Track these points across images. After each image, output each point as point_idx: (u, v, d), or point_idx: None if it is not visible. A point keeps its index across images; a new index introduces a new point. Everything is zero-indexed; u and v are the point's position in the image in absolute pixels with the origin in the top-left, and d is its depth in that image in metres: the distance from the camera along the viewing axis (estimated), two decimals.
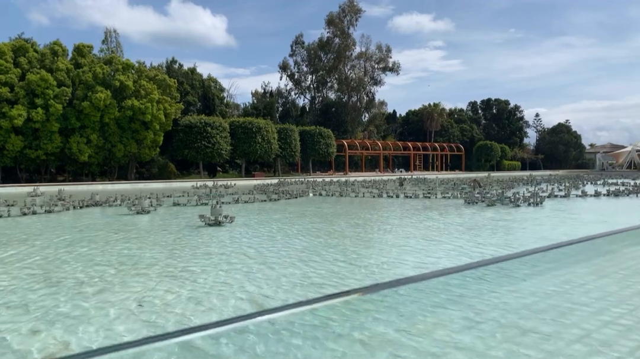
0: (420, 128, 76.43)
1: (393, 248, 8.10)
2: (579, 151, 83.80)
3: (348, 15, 64.40)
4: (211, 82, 52.08)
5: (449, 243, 8.63)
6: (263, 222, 11.88)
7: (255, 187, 27.08)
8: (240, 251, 7.87)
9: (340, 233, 9.82)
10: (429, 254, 7.50)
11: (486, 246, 8.03)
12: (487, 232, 9.78)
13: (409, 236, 9.33)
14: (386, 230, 10.21)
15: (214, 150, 41.11)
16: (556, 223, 11.79)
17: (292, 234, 9.87)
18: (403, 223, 11.48)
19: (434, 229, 10.47)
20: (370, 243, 8.61)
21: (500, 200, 17.16)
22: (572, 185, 28.16)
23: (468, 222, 11.56)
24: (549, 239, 8.95)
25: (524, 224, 11.55)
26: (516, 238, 9.26)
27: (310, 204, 17.55)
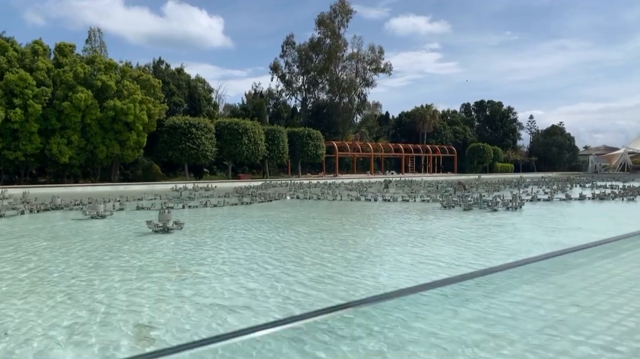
0: (413, 130, 75.86)
1: (323, 264, 7.43)
2: (573, 153, 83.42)
3: (339, 15, 63.85)
4: (199, 82, 51.37)
5: (386, 256, 7.99)
6: (215, 228, 11.20)
7: (235, 189, 26.39)
8: (170, 264, 7.19)
9: (286, 243, 9.16)
10: (353, 272, 6.75)
11: (427, 263, 7.35)
12: (438, 242, 9.12)
13: (349, 247, 8.61)
14: (332, 239, 9.49)
15: (198, 151, 40.41)
16: (525, 231, 11.15)
17: (237, 243, 9.20)
18: (358, 232, 10.79)
19: (384, 238, 9.81)
20: (305, 257, 7.90)
21: (478, 203, 16.53)
22: (558, 188, 27.57)
23: (427, 230, 10.92)
24: (509, 251, 8.32)
25: (490, 231, 10.90)
26: (469, 249, 8.59)
27: (279, 208, 16.88)
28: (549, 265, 6.97)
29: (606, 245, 8.46)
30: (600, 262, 7.62)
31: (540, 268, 6.57)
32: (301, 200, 20.93)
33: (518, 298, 5.12)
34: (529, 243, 9.25)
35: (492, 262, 7.24)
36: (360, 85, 69.98)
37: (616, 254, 8.22)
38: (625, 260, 7.04)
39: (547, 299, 5.10)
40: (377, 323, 4.00)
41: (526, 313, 4.64)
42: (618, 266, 6.77)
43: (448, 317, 4.36)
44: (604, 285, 5.79)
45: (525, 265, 5.60)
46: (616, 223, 12.69)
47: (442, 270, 6.72)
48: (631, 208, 17.44)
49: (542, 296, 5.23)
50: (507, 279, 5.64)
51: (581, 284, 5.85)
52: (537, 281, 5.58)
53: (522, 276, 5.96)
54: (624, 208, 17.36)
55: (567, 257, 7.31)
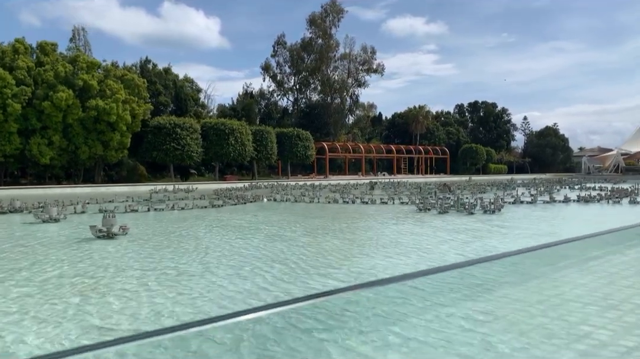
0: (406, 131, 75.27)
1: (242, 279, 6.81)
2: (567, 154, 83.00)
3: (330, 15, 63.27)
4: (186, 82, 50.72)
5: (314, 268, 7.37)
6: (164, 234, 10.56)
7: (215, 192, 25.73)
8: (88, 275, 6.56)
9: (229, 252, 8.54)
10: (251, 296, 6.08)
11: (334, 279, 6.72)
12: (381, 251, 8.50)
13: (283, 260, 7.97)
14: (278, 250, 8.84)
15: (183, 152, 39.74)
16: (486, 238, 10.54)
17: (176, 252, 8.56)
18: (313, 240, 10.14)
19: (332, 247, 9.19)
20: (236, 267, 7.26)
21: (455, 206, 15.93)
22: (546, 190, 26.99)
23: (381, 238, 10.31)
24: (439, 259, 7.72)
25: (450, 236, 10.29)
26: (411, 257, 7.97)
27: (249, 211, 16.26)
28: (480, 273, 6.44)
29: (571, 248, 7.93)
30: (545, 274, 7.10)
31: (469, 274, 6.00)
32: (278, 202, 20.32)
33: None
34: (479, 250, 8.64)
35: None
36: (352, 86, 69.41)
37: (582, 263, 7.67)
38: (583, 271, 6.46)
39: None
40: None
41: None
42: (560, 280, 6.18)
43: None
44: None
45: (453, 270, 5.00)
46: (592, 228, 12.09)
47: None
48: (613, 211, 16.87)
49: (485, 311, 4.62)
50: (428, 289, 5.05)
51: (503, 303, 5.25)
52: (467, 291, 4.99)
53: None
54: (606, 211, 16.79)
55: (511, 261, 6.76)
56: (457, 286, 5.32)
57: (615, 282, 6.08)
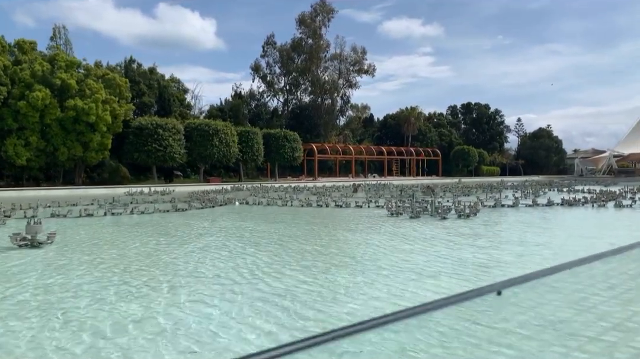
0: (398, 132, 74.44)
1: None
2: (560, 156, 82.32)
3: (320, 15, 62.45)
4: (172, 82, 49.82)
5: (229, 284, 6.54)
6: (95, 242, 9.71)
7: (190, 194, 24.87)
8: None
9: (154, 264, 7.73)
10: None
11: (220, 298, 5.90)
12: (310, 266, 7.68)
13: (205, 278, 7.15)
14: (209, 263, 8.02)
15: (165, 153, 38.83)
16: (450, 247, 9.74)
17: (96, 267, 7.74)
18: (255, 251, 9.32)
19: (267, 260, 8.38)
20: (161, 286, 6.46)
21: (429, 210, 15.14)
22: (533, 193, 26.24)
23: (326, 248, 9.50)
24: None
25: (406, 245, 9.49)
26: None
27: (208, 216, 15.44)
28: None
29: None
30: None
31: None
32: (250, 206, 19.50)
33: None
34: (420, 266, 7.84)
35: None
36: (343, 87, 68.61)
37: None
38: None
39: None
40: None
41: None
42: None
43: None
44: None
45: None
46: (567, 235, 11.31)
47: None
48: (595, 216, 16.10)
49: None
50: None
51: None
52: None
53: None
54: (588, 216, 16.02)
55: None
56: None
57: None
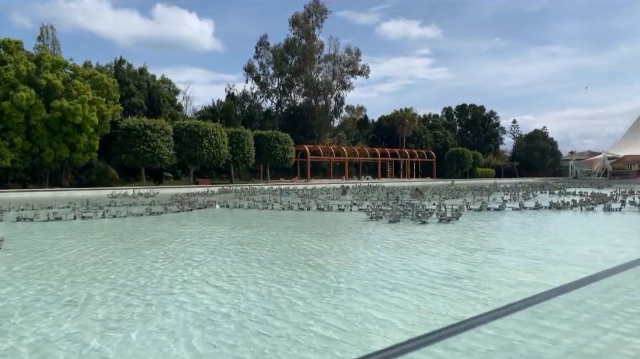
0: (393, 134, 74.04)
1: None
2: (555, 158, 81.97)
3: (313, 15, 62.05)
4: (162, 83, 49.32)
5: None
6: (45, 250, 9.21)
7: (173, 197, 24.38)
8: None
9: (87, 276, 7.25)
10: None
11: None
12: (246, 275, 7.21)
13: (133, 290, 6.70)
14: (130, 279, 7.56)
15: (154, 154, 38.30)
16: (417, 257, 9.28)
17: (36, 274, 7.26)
18: (198, 258, 8.86)
19: (197, 278, 7.88)
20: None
21: (409, 214, 14.68)
22: (524, 195, 25.81)
23: (277, 258, 9.02)
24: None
25: (373, 253, 9.01)
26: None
27: (182, 220, 14.95)
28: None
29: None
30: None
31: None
32: (230, 209, 19.00)
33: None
34: (378, 278, 7.36)
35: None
36: (337, 88, 68.23)
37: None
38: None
39: None
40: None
41: None
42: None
43: None
44: None
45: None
46: (546, 241, 10.85)
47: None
48: (581, 220, 15.65)
49: None
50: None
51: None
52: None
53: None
54: (573, 220, 15.56)
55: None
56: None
57: None
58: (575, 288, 2.38)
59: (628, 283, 6.20)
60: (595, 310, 5.37)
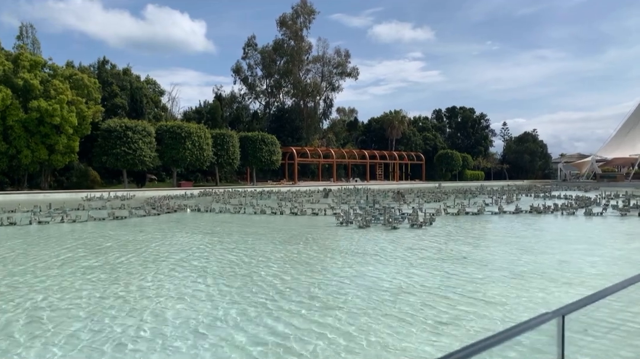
0: (383, 136, 73.66)
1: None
2: (545, 161, 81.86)
3: (301, 16, 61.54)
4: (147, 84, 48.60)
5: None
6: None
7: (147, 200, 23.74)
8: None
9: None
10: None
11: None
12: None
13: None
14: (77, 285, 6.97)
15: (135, 156, 37.58)
16: (365, 268, 8.74)
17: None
18: (137, 268, 8.27)
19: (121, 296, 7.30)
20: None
21: (382, 219, 14.15)
22: (505, 199, 25.36)
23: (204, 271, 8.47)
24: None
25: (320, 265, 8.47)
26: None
27: (146, 226, 14.36)
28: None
29: None
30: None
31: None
32: (201, 213, 18.40)
33: None
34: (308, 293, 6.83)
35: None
36: (326, 90, 67.77)
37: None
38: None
39: None
40: None
41: None
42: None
43: None
44: None
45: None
46: (515, 250, 10.35)
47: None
48: (558, 225, 15.18)
49: None
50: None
51: None
52: None
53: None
54: (550, 225, 15.09)
55: None
56: None
57: None
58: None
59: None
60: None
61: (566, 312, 1.05)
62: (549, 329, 1.08)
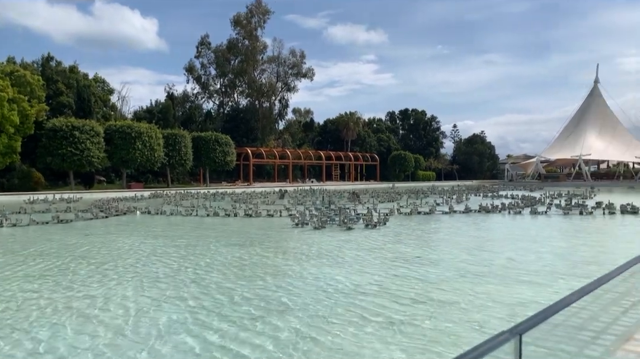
0: (338, 137, 74.20)
1: None
2: (493, 162, 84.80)
3: (256, 16, 61.07)
4: (95, 82, 46.85)
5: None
6: None
7: (95, 202, 22.87)
8: None
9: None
10: None
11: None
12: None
13: None
14: None
15: (82, 157, 36.11)
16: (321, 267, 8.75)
17: None
18: (68, 277, 7.99)
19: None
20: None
21: (337, 220, 14.20)
22: (456, 199, 26.04)
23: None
24: None
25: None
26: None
27: (91, 229, 13.82)
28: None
29: None
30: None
31: None
32: (151, 216, 17.88)
33: None
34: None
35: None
36: (281, 90, 67.53)
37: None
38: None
39: None
40: None
41: None
42: None
43: None
44: None
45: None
46: (461, 249, 10.64)
47: None
48: (504, 224, 15.74)
49: None
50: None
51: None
52: None
53: None
54: (499, 225, 15.62)
55: None
56: None
57: None
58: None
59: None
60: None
61: (523, 331, 1.05)
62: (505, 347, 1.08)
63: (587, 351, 2.68)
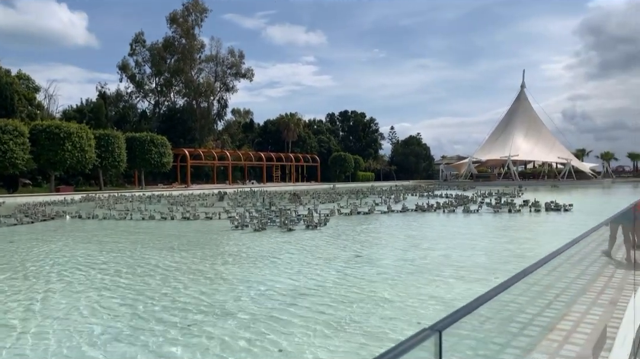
0: (279, 138, 74.04)
1: None
2: (428, 162, 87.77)
3: (193, 14, 59.76)
4: (19, 79, 44.01)
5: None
6: None
7: (19, 206, 21.46)
8: None
9: None
10: None
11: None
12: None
13: None
14: None
15: (5, 159, 33.77)
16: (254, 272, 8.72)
17: None
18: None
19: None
20: None
21: (279, 221, 14.14)
22: (394, 199, 26.66)
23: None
24: None
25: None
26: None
27: (12, 236, 12.98)
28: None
29: None
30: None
31: None
32: (82, 220, 17.02)
33: None
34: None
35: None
36: (220, 90, 66.45)
37: None
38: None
39: None
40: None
41: None
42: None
43: None
44: None
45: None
46: (400, 250, 10.92)
47: None
48: (438, 223, 16.30)
49: None
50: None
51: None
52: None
53: None
54: (435, 223, 16.16)
55: None
56: None
57: None
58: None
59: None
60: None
61: (443, 327, 1.07)
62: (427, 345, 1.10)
63: (515, 343, 2.81)
